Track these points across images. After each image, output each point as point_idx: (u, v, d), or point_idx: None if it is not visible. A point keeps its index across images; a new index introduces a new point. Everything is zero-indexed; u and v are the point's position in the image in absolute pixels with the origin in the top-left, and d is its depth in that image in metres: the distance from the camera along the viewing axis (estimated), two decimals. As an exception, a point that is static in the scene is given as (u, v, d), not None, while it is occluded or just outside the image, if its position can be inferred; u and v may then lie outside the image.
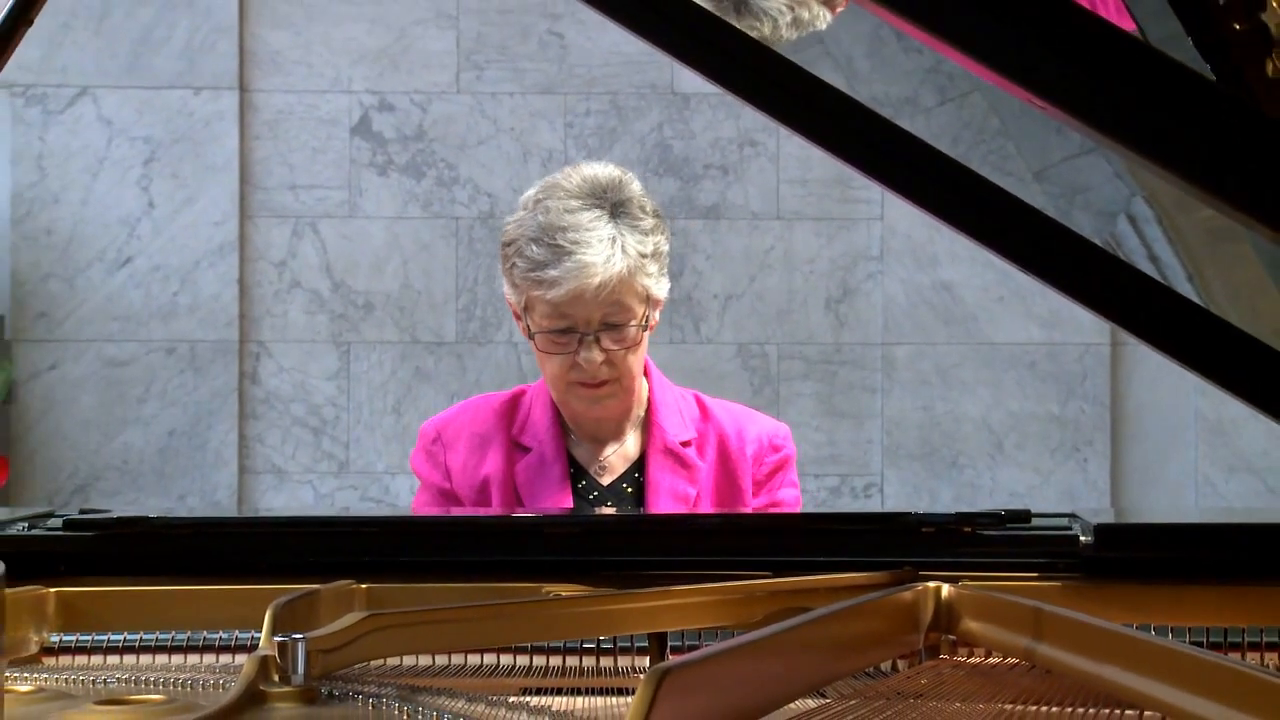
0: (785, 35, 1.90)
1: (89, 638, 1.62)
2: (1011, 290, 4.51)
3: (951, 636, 1.50)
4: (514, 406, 2.41)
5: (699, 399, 2.43)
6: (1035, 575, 1.60)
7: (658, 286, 2.31)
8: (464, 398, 2.90)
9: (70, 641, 1.62)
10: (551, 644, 1.56)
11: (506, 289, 2.34)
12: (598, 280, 2.23)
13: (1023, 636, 1.39)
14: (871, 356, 4.57)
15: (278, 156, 4.55)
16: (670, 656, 1.54)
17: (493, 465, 2.36)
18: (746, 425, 2.40)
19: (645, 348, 2.34)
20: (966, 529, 1.66)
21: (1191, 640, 1.50)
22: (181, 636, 1.61)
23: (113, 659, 1.60)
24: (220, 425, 4.50)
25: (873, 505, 4.56)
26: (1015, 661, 1.44)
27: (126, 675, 1.49)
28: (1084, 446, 4.55)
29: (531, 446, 2.36)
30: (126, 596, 1.65)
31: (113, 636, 1.62)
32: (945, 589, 1.49)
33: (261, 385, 4.54)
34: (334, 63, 4.55)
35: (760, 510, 2.36)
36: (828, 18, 1.94)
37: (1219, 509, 4.42)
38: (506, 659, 1.57)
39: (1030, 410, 4.55)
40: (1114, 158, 1.51)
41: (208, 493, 4.48)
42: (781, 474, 2.39)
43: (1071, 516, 1.74)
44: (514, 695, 1.46)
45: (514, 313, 2.36)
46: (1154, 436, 4.59)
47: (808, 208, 4.58)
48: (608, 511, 2.32)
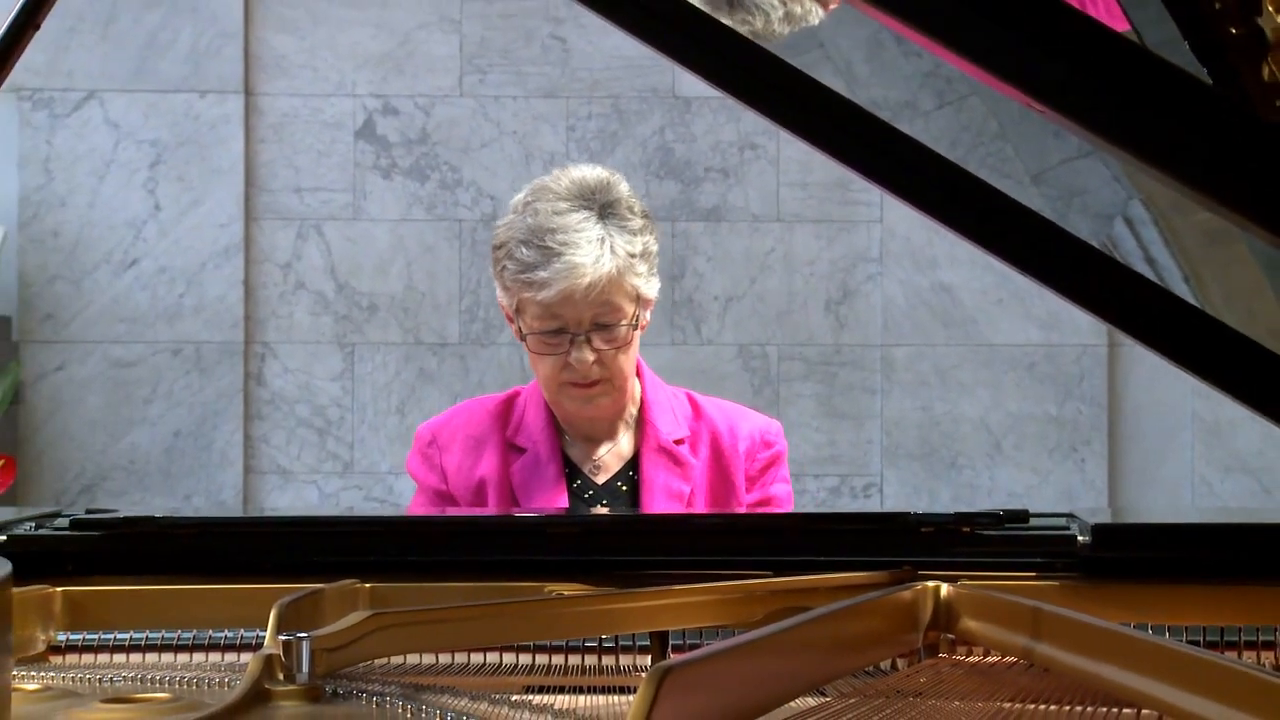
0: (778, 30, 1.90)
1: (95, 636, 1.62)
2: (1010, 292, 4.51)
3: (950, 635, 1.50)
4: (508, 408, 2.42)
5: (691, 397, 2.44)
6: (1033, 575, 1.61)
7: (648, 286, 2.32)
8: (467, 398, 2.91)
9: (77, 640, 1.62)
10: (554, 643, 1.57)
11: (498, 292, 2.35)
12: (587, 281, 2.24)
13: (1021, 635, 1.40)
14: (871, 358, 4.58)
15: (283, 159, 4.56)
16: (671, 655, 1.55)
17: (488, 466, 2.37)
18: (739, 422, 2.41)
19: (636, 347, 2.36)
20: (965, 529, 1.66)
21: (1188, 639, 1.51)
22: (187, 635, 1.61)
23: (119, 658, 1.61)
24: (225, 426, 4.51)
25: (872, 505, 4.56)
26: (1013, 660, 1.44)
27: (132, 674, 1.49)
28: (1081, 447, 4.56)
29: (526, 447, 2.37)
30: (132, 596, 1.66)
31: (119, 635, 1.62)
32: (944, 588, 1.49)
33: (266, 386, 4.55)
34: (338, 67, 4.56)
35: (753, 506, 2.38)
36: (820, 14, 1.95)
37: (1215, 509, 4.41)
38: (509, 658, 1.57)
39: (1028, 411, 4.56)
40: (1111, 161, 1.52)
41: (213, 493, 4.49)
42: (774, 469, 2.41)
43: (1069, 516, 1.74)
44: (516, 694, 1.47)
45: (506, 315, 2.37)
46: (1151, 437, 4.59)
47: (808, 210, 4.58)
48: (610, 512, 2.33)
